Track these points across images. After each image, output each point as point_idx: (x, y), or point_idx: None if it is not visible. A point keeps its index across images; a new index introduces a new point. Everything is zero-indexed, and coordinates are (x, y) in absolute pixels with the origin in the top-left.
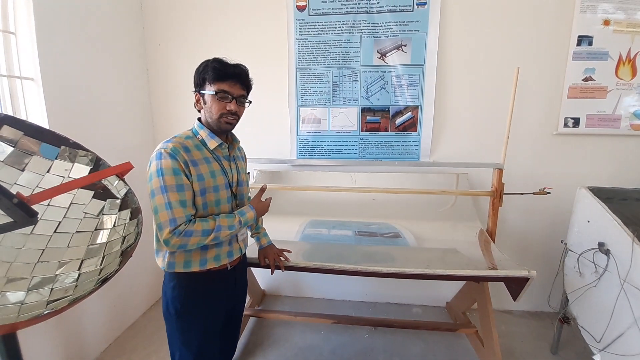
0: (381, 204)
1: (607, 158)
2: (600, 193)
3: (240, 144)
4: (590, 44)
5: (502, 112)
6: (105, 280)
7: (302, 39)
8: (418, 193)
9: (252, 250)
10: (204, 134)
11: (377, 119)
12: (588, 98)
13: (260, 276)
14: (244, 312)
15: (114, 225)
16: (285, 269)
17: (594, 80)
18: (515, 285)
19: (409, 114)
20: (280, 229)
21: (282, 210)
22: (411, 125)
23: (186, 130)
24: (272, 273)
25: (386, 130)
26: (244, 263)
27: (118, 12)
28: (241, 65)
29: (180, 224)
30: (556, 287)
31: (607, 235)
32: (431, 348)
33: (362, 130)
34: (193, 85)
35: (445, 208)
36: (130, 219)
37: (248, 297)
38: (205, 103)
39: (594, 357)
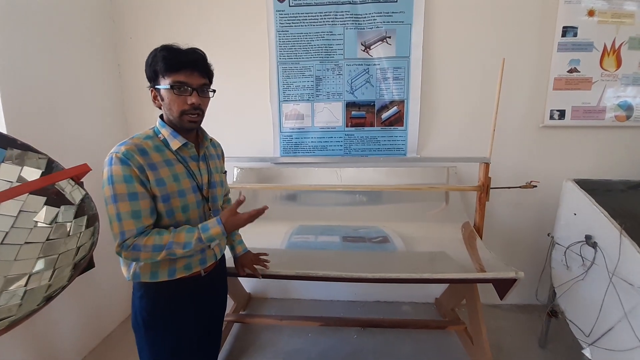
0: (370, 204)
1: (593, 150)
2: (587, 185)
3: (216, 140)
4: (575, 34)
5: (489, 105)
6: (50, 299)
7: (282, 31)
8: (405, 189)
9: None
10: (165, 133)
11: (362, 114)
12: (573, 90)
13: (245, 279)
14: (227, 318)
15: (68, 235)
16: (268, 277)
17: (579, 72)
18: (503, 286)
19: (395, 108)
20: (265, 232)
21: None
22: (397, 120)
23: (148, 129)
24: (259, 277)
25: (372, 125)
26: (221, 268)
27: (85, 4)
28: (196, 49)
29: (129, 237)
30: (544, 281)
31: (594, 227)
32: (421, 347)
33: (347, 126)
34: (147, 80)
35: (437, 210)
36: (87, 227)
37: (232, 302)
38: (162, 99)
39: (583, 351)
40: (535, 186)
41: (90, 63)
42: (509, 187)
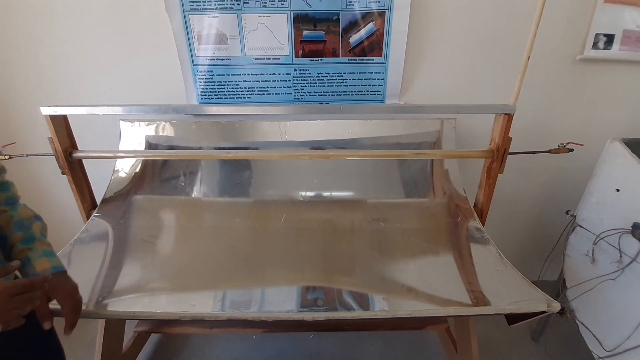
0: (337, 175)
1: None
2: None
3: None
4: None
5: (515, 20)
6: None
7: None
8: (380, 157)
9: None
10: None
11: (319, 34)
12: (629, 5)
13: None
14: (138, 329)
15: None
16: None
17: None
18: (519, 316)
19: (370, 26)
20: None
21: (175, 221)
22: (374, 45)
23: None
24: (66, 332)
25: (334, 54)
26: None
27: None
28: None
29: None
30: (548, 265)
31: None
32: (391, 347)
33: (297, 56)
34: None
35: (423, 191)
36: None
37: None
38: None
39: None
40: (572, 150)
41: None
42: (533, 152)
